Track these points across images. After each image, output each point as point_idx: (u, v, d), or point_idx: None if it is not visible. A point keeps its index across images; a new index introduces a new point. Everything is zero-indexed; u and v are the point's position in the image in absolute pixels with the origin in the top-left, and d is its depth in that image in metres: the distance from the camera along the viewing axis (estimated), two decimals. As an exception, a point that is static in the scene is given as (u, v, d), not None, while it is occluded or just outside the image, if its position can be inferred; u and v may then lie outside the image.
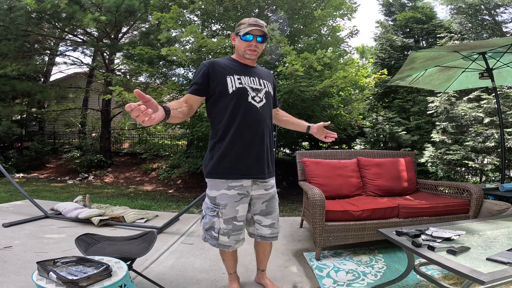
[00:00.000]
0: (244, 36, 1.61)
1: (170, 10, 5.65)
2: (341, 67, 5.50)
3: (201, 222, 1.74)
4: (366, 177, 3.08)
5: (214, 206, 1.65)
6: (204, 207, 1.72)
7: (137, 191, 7.11)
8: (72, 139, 12.30)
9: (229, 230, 1.65)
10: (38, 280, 1.31)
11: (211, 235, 1.69)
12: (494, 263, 1.34)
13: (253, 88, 1.65)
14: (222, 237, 1.65)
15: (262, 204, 1.74)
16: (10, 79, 8.84)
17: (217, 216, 1.64)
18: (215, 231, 1.66)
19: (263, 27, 1.62)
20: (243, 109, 1.60)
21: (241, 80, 1.62)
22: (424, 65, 3.38)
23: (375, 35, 8.73)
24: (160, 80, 7.94)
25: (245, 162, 1.62)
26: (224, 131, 1.61)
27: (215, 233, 1.66)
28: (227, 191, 1.61)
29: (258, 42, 1.63)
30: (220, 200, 1.63)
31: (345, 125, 6.65)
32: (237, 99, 1.60)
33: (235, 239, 1.68)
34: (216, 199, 1.64)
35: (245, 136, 1.60)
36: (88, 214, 3.32)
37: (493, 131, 4.79)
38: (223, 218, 1.63)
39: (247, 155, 1.61)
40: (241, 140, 1.60)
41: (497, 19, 7.49)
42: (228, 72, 1.62)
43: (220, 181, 1.63)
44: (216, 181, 1.64)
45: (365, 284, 1.99)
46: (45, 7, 7.41)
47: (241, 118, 1.59)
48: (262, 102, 1.66)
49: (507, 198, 2.79)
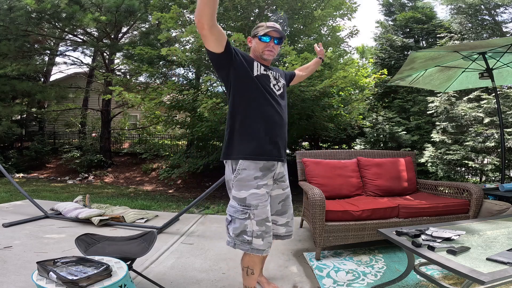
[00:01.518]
0: (263, 37, 1.69)
1: (170, 10, 5.64)
2: (341, 67, 5.49)
3: (229, 228, 1.62)
4: (366, 177, 3.08)
5: (245, 207, 1.57)
6: (231, 211, 1.61)
7: (137, 191, 7.11)
8: (72, 139, 12.31)
9: (262, 232, 1.57)
10: (38, 280, 1.31)
11: (243, 240, 1.58)
12: (494, 263, 1.34)
13: (275, 77, 1.74)
14: (256, 240, 1.56)
15: (279, 204, 1.75)
16: (10, 79, 8.85)
17: (249, 218, 1.56)
18: (247, 234, 1.56)
19: (280, 31, 1.71)
20: (267, 92, 1.65)
21: (265, 68, 1.71)
22: (424, 65, 3.38)
23: (375, 35, 8.73)
24: (160, 80, 7.94)
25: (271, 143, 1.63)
26: (250, 112, 1.61)
27: (248, 237, 1.57)
28: (257, 190, 1.57)
29: (275, 44, 1.72)
30: (251, 201, 1.56)
31: (345, 125, 6.65)
32: (261, 82, 1.65)
33: (268, 241, 1.60)
34: (246, 200, 1.57)
35: (269, 118, 1.63)
36: (88, 214, 3.32)
37: (493, 131, 4.79)
38: (256, 219, 1.56)
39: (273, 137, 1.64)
40: (267, 122, 1.62)
41: (497, 19, 7.49)
42: (254, 60, 1.70)
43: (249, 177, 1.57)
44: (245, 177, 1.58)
45: (365, 284, 1.99)
46: (45, 7, 7.41)
47: (264, 100, 1.64)
48: (280, 91, 1.74)
49: (507, 198, 2.79)
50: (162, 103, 5.72)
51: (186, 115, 6.39)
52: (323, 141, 7.78)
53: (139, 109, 7.63)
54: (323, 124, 5.97)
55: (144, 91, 7.29)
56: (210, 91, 6.35)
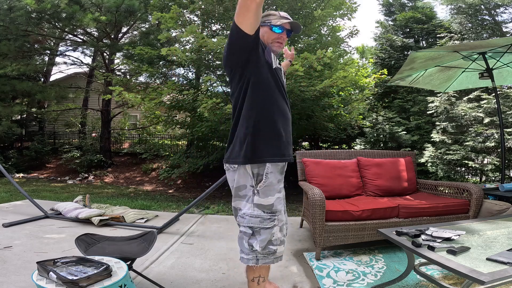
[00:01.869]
0: (275, 27, 1.54)
1: (170, 10, 5.64)
2: (341, 67, 5.50)
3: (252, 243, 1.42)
4: (366, 177, 3.09)
5: (272, 215, 1.42)
6: (255, 222, 1.41)
7: (137, 191, 7.11)
8: (72, 139, 12.31)
9: (282, 236, 1.48)
10: (38, 280, 1.31)
11: (268, 252, 1.42)
12: (494, 263, 1.34)
13: (281, 69, 1.66)
14: (280, 247, 1.44)
15: None
16: (10, 79, 8.85)
17: (276, 225, 1.44)
18: (273, 244, 1.43)
19: (294, 23, 1.60)
20: (281, 86, 1.55)
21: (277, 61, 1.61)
22: (424, 65, 3.38)
23: (375, 35, 8.74)
24: (160, 80, 7.94)
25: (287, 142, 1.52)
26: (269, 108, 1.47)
27: (274, 247, 1.43)
28: (279, 194, 1.46)
29: (287, 37, 1.61)
30: (277, 206, 1.45)
31: (345, 125, 6.65)
32: (277, 76, 1.55)
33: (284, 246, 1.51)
34: (273, 206, 1.43)
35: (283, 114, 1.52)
36: (88, 214, 3.32)
37: (493, 131, 4.79)
38: (279, 225, 1.46)
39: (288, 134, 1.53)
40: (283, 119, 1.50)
41: (497, 19, 7.50)
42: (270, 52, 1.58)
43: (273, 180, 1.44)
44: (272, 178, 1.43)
45: (365, 284, 1.99)
46: (45, 7, 7.41)
47: (279, 95, 1.52)
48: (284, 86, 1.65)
49: (507, 198, 2.79)
50: (162, 103, 5.72)
51: (186, 115, 6.39)
52: (323, 141, 7.78)
53: (139, 109, 7.63)
54: (323, 124, 5.97)
55: (144, 91, 7.29)
56: (210, 91, 6.35)
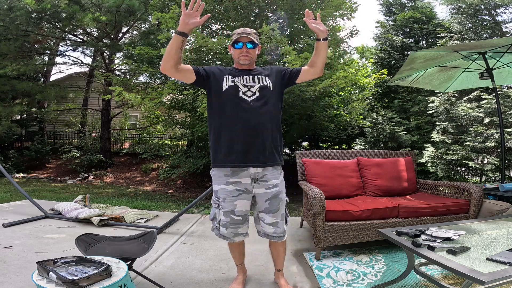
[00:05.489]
0: (235, 44, 1.79)
1: (170, 10, 5.64)
2: (341, 67, 5.49)
3: None
4: (366, 177, 3.08)
5: (216, 199, 1.82)
6: (212, 200, 1.88)
7: (137, 191, 7.11)
8: (72, 139, 12.31)
9: (227, 223, 1.80)
10: (38, 280, 1.31)
11: (215, 226, 1.87)
12: (494, 263, 1.34)
13: (244, 84, 1.78)
14: (222, 228, 1.82)
15: (265, 202, 1.81)
16: (10, 79, 8.84)
17: (218, 208, 1.81)
18: (216, 221, 1.84)
19: (250, 34, 1.77)
20: (234, 103, 1.75)
21: (234, 79, 1.79)
22: (424, 65, 3.38)
23: (375, 35, 8.73)
24: (160, 80, 7.94)
25: (238, 152, 1.74)
26: (220, 125, 1.78)
27: (216, 224, 1.85)
28: (226, 186, 1.78)
29: (249, 48, 1.78)
30: (220, 194, 1.79)
31: (345, 125, 6.65)
32: (229, 95, 1.75)
33: (233, 232, 1.82)
34: (217, 193, 1.81)
35: (237, 127, 1.74)
36: (88, 214, 3.32)
37: (493, 131, 4.79)
38: (223, 210, 1.79)
39: (240, 145, 1.74)
40: (235, 132, 1.74)
41: (497, 19, 7.49)
42: (225, 74, 1.81)
43: (220, 174, 1.79)
44: (217, 174, 1.81)
45: (365, 284, 1.99)
46: (45, 7, 7.41)
47: (232, 112, 1.75)
48: (254, 96, 1.77)
49: (507, 198, 2.79)
50: (162, 103, 5.72)
51: (186, 115, 6.39)
52: (323, 141, 7.78)
53: (139, 109, 7.63)
54: (323, 124, 5.97)
55: (144, 91, 7.30)
56: (210, 91, 6.34)
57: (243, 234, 1.85)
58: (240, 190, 1.77)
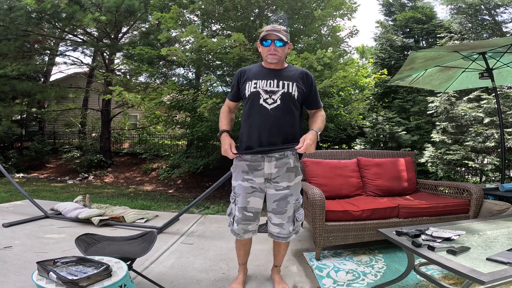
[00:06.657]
0: (263, 41, 1.76)
1: (170, 10, 5.64)
2: (341, 67, 5.49)
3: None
4: (366, 177, 3.08)
5: (234, 194, 1.87)
6: (230, 195, 1.92)
7: (137, 191, 7.11)
8: (72, 139, 12.31)
9: (239, 218, 1.83)
10: (38, 280, 1.31)
11: (230, 221, 1.91)
12: (494, 263, 1.34)
13: (267, 90, 1.76)
14: (235, 224, 1.86)
15: (274, 203, 1.84)
16: (10, 79, 8.84)
17: (234, 203, 1.87)
18: (231, 217, 1.89)
19: (280, 31, 1.73)
20: (254, 111, 1.78)
21: (257, 84, 1.78)
22: (424, 65, 3.38)
23: (375, 35, 8.72)
24: (160, 80, 7.93)
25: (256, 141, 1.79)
26: (243, 127, 1.85)
27: (231, 219, 1.89)
28: (242, 182, 1.81)
29: (278, 46, 1.74)
30: (237, 190, 1.84)
31: (345, 125, 6.65)
32: (251, 101, 1.78)
33: (243, 229, 1.84)
34: (235, 188, 1.86)
35: (254, 135, 1.78)
36: (88, 214, 3.32)
37: (493, 131, 4.79)
38: (238, 206, 1.83)
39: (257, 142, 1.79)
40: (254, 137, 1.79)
41: (497, 19, 7.49)
42: (249, 78, 1.81)
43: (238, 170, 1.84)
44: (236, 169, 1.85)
45: (365, 284, 1.99)
46: (45, 7, 7.40)
47: (252, 119, 1.79)
48: (275, 104, 1.74)
49: (507, 198, 2.79)
50: (162, 103, 5.72)
51: (186, 115, 6.38)
52: (323, 141, 7.78)
53: (139, 109, 7.63)
54: (323, 124, 5.95)
55: (144, 91, 7.29)
56: (210, 91, 6.34)
57: (252, 232, 1.88)
58: (254, 188, 1.80)
